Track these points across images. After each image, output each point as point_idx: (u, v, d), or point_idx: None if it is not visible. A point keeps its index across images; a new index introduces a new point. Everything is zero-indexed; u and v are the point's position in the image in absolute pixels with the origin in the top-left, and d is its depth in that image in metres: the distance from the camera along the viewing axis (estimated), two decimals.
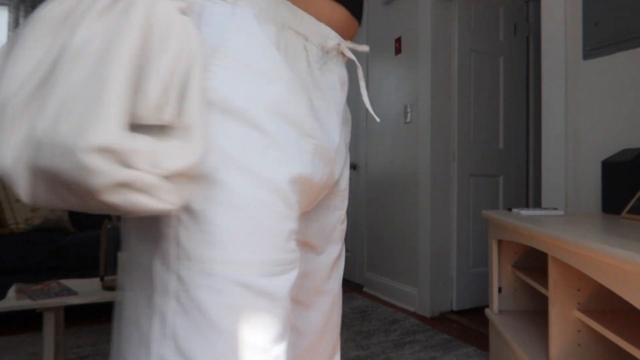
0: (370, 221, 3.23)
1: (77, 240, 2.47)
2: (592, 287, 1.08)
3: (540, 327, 1.42)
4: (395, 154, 2.94)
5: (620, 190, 1.36)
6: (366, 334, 2.26)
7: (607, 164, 1.44)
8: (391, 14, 3.01)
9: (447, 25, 2.66)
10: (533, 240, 1.16)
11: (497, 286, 1.57)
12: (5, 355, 1.95)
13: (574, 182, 1.73)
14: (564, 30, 1.76)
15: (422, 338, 2.20)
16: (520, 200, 2.96)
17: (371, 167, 3.22)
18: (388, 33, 3.04)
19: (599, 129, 1.64)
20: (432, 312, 2.60)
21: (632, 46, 1.52)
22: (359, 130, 3.38)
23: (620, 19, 1.56)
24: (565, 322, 1.08)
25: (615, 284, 0.77)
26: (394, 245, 2.94)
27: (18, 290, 1.45)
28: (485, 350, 2.04)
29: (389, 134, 3.01)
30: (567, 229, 1.00)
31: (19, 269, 2.35)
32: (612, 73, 1.59)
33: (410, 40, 2.80)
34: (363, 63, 3.33)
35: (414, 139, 2.76)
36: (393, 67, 2.98)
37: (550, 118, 1.81)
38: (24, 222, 2.46)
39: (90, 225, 3.01)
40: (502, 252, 1.57)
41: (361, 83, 0.59)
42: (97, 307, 2.75)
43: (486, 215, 1.53)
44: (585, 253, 0.85)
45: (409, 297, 2.75)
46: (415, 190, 2.74)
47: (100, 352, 1.98)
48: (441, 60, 2.64)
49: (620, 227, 1.06)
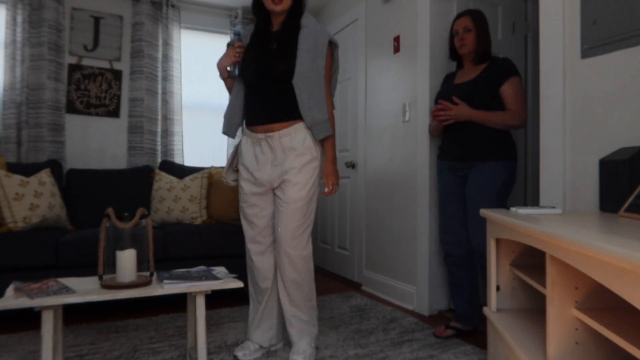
0: (368, 220, 3.23)
1: (75, 238, 2.47)
2: (590, 286, 1.09)
3: (538, 325, 1.42)
4: (394, 152, 2.94)
5: (618, 189, 1.37)
6: (364, 332, 2.26)
7: (605, 163, 1.44)
8: (390, 13, 3.01)
9: (446, 23, 2.66)
10: (531, 239, 1.16)
11: (495, 284, 1.57)
12: (3, 353, 1.94)
13: (572, 180, 1.73)
14: (562, 28, 1.76)
15: (421, 336, 2.21)
16: (519, 199, 2.96)
17: (370, 166, 3.22)
18: (387, 31, 3.04)
19: (597, 128, 1.64)
20: (431, 311, 2.60)
21: (630, 44, 1.52)
22: (358, 130, 3.38)
23: (618, 18, 1.56)
24: (563, 320, 1.08)
25: (613, 282, 0.77)
26: (393, 243, 2.95)
27: (16, 289, 1.45)
28: (483, 349, 2.05)
29: (388, 133, 3.01)
30: (565, 227, 1.01)
31: (17, 268, 2.35)
32: (610, 71, 1.59)
33: (409, 39, 2.80)
34: (362, 62, 3.32)
35: (412, 137, 2.76)
36: (392, 66, 2.98)
37: (548, 116, 1.81)
38: (22, 221, 2.46)
39: (88, 223, 3.01)
40: (500, 250, 1.58)
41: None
42: (96, 305, 2.75)
43: (484, 214, 1.53)
44: (583, 251, 0.85)
45: (408, 295, 2.75)
46: (414, 189, 2.74)
47: (98, 351, 1.98)
48: (440, 59, 2.64)
49: (618, 225, 1.06)
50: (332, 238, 3.78)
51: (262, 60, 1.83)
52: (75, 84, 3.39)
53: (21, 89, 3.15)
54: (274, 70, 1.79)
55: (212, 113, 3.91)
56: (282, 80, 1.81)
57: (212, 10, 3.93)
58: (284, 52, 1.81)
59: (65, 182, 3.11)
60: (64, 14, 3.33)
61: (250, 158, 1.90)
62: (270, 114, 1.84)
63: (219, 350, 2.01)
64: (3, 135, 3.09)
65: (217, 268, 1.82)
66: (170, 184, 3.03)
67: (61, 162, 3.20)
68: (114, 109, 3.51)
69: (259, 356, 1.95)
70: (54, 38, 3.23)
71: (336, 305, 2.74)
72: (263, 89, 1.85)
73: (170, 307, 2.70)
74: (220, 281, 1.60)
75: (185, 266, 2.70)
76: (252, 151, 1.90)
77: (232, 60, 1.88)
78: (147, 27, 3.52)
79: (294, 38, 1.83)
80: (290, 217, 1.81)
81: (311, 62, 1.80)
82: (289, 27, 1.85)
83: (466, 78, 2.22)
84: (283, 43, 1.83)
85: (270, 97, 1.84)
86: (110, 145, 3.51)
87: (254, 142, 1.89)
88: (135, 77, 3.52)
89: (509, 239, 1.52)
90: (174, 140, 3.62)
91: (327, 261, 3.88)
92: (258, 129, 1.87)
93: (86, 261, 2.46)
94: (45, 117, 3.18)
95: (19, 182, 2.52)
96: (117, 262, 1.54)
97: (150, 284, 1.57)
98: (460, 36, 2.20)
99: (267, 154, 1.86)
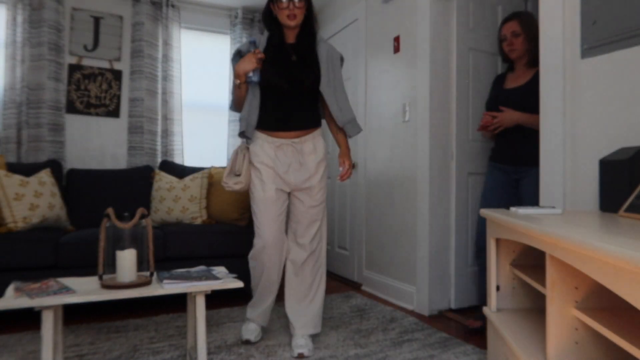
0: (368, 219, 3.23)
1: (75, 238, 2.47)
2: (590, 286, 1.09)
3: (538, 325, 1.42)
4: (394, 152, 2.94)
5: (618, 189, 1.37)
6: (364, 332, 2.26)
7: (604, 163, 1.44)
8: (390, 13, 3.01)
9: (446, 23, 2.66)
10: (531, 239, 1.16)
11: (495, 284, 1.57)
12: (3, 353, 1.94)
13: (572, 180, 1.73)
14: (562, 28, 1.76)
15: (421, 336, 2.21)
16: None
17: (370, 166, 3.22)
18: (387, 31, 3.04)
19: (597, 128, 1.64)
20: (431, 311, 2.60)
21: (630, 44, 1.52)
22: None
23: (618, 18, 1.56)
24: (563, 320, 1.08)
25: (613, 282, 0.77)
26: (393, 243, 2.95)
27: (16, 289, 1.45)
28: (483, 349, 2.05)
29: (388, 133, 3.01)
30: (565, 227, 1.01)
31: (17, 268, 2.35)
32: (610, 71, 1.59)
33: (409, 39, 2.80)
34: (362, 61, 3.32)
35: (412, 137, 2.76)
36: (392, 66, 2.98)
37: (548, 116, 1.81)
38: (22, 221, 2.46)
39: (88, 223, 3.01)
40: (500, 250, 1.58)
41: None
42: (96, 305, 2.75)
43: (484, 214, 1.53)
44: (583, 251, 0.85)
45: (408, 295, 2.75)
46: (414, 189, 2.74)
47: (98, 351, 1.98)
48: (440, 59, 2.64)
49: (618, 225, 1.06)
50: (332, 238, 3.78)
51: (288, 70, 1.98)
52: (75, 84, 3.39)
53: (21, 89, 3.15)
54: (305, 81, 1.98)
55: (212, 113, 3.91)
56: (310, 90, 2.02)
57: (212, 10, 3.93)
58: (309, 64, 2.01)
59: (65, 182, 3.11)
60: (64, 14, 3.33)
61: (272, 160, 2.02)
62: (298, 122, 2.02)
63: (219, 350, 2.01)
64: (3, 135, 3.10)
65: (217, 268, 1.82)
66: (170, 184, 3.03)
67: (61, 162, 3.21)
68: (114, 109, 3.51)
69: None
70: (54, 38, 3.23)
71: (336, 305, 2.74)
72: (291, 98, 2.01)
73: (170, 307, 2.70)
74: (220, 281, 1.60)
75: (185, 266, 2.70)
76: (272, 153, 2.02)
77: (254, 66, 1.94)
78: (147, 27, 3.52)
79: (313, 50, 2.03)
80: (314, 217, 2.06)
81: (332, 72, 2.04)
82: (306, 40, 2.04)
83: (517, 82, 2.20)
84: (304, 55, 2.02)
85: (298, 106, 2.02)
86: (110, 145, 3.51)
87: (276, 146, 2.02)
88: (135, 77, 3.52)
89: (509, 239, 1.52)
90: (174, 140, 3.62)
91: (327, 261, 3.87)
92: (281, 135, 2.02)
93: (86, 261, 2.46)
94: (45, 117, 3.18)
95: (19, 182, 2.52)
96: (117, 262, 1.54)
97: (150, 284, 1.57)
98: (509, 41, 2.17)
99: (289, 157, 2.02)
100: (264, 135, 2.03)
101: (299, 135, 2.02)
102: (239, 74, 1.96)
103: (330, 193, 3.81)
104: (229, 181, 2.06)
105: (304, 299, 2.07)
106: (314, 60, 2.02)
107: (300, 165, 2.02)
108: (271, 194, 2.00)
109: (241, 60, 1.95)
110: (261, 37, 2.05)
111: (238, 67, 1.95)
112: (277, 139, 2.01)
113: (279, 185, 2.02)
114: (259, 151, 2.02)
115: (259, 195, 2.01)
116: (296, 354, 1.92)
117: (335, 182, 3.73)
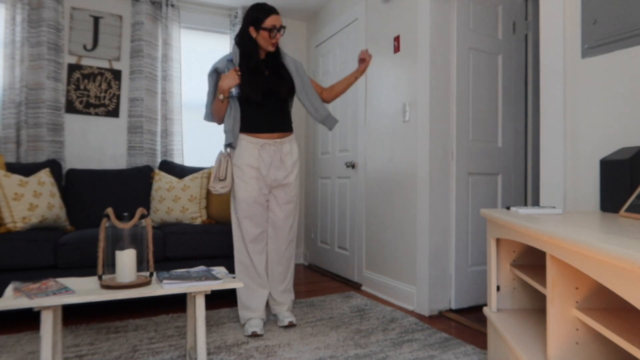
0: (368, 220, 3.23)
1: (75, 238, 2.47)
2: (591, 286, 1.08)
3: (539, 325, 1.42)
4: (394, 152, 2.94)
5: (619, 189, 1.36)
6: (365, 332, 2.26)
7: (605, 163, 1.44)
8: (390, 12, 3.00)
9: (446, 23, 2.65)
10: (531, 239, 1.16)
11: (495, 285, 1.57)
12: (2, 354, 1.94)
13: (573, 180, 1.73)
14: (563, 28, 1.76)
15: (421, 337, 2.20)
16: (519, 199, 2.96)
17: (370, 166, 3.22)
18: (387, 31, 3.04)
19: (598, 127, 1.64)
20: (431, 311, 2.60)
21: (630, 44, 1.52)
22: (358, 129, 3.37)
23: (618, 17, 1.55)
24: (564, 321, 1.08)
25: (614, 283, 0.77)
26: (393, 243, 2.94)
27: (15, 289, 1.44)
28: (483, 349, 2.04)
29: (388, 133, 3.01)
30: (565, 227, 1.00)
31: (16, 268, 2.34)
32: (611, 71, 1.59)
33: (409, 39, 2.80)
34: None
35: (412, 137, 2.75)
36: (392, 66, 2.97)
37: (548, 116, 1.81)
38: (21, 221, 2.46)
39: (88, 223, 3.01)
40: (501, 250, 1.57)
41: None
42: (95, 306, 2.75)
43: (484, 214, 1.53)
44: (584, 251, 0.85)
45: (408, 295, 2.75)
46: (414, 189, 2.74)
47: (98, 351, 1.98)
48: (440, 59, 2.64)
49: (619, 225, 1.06)
50: (332, 238, 3.77)
51: (265, 83, 2.24)
52: (74, 84, 3.38)
53: (20, 89, 3.15)
54: (282, 92, 2.27)
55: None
56: (286, 99, 2.31)
57: (212, 10, 3.92)
58: (282, 75, 2.30)
59: (64, 182, 3.11)
60: (64, 13, 3.32)
61: (256, 160, 2.24)
62: (279, 126, 2.29)
63: (219, 350, 2.00)
64: (2, 135, 3.09)
65: (216, 268, 1.82)
66: (170, 184, 3.03)
67: (60, 162, 3.20)
68: (113, 109, 3.51)
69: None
70: (53, 38, 3.22)
71: (336, 306, 2.74)
72: (269, 106, 2.27)
73: (170, 307, 2.70)
74: (220, 281, 1.60)
75: (185, 266, 2.70)
76: (256, 153, 2.24)
77: (237, 82, 2.16)
78: (146, 27, 3.51)
79: (281, 63, 2.34)
80: (291, 212, 2.38)
81: (301, 79, 2.36)
82: (275, 56, 2.32)
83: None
84: (276, 69, 2.30)
85: (276, 112, 2.29)
86: (109, 145, 3.51)
87: (260, 145, 2.25)
88: (134, 77, 3.51)
89: (509, 239, 1.52)
90: (174, 140, 3.61)
91: (327, 261, 3.87)
92: (265, 136, 2.26)
93: (85, 261, 2.46)
94: (45, 117, 3.17)
95: (18, 182, 2.52)
96: (116, 262, 1.54)
97: (150, 284, 1.57)
98: None
99: (271, 156, 2.26)
100: (248, 137, 2.25)
101: (280, 136, 2.30)
102: (223, 89, 2.14)
103: (330, 193, 3.81)
104: (216, 185, 2.24)
105: (283, 281, 2.39)
106: (286, 72, 2.32)
107: (281, 163, 2.29)
108: (254, 194, 2.23)
109: (224, 77, 2.15)
110: (235, 55, 2.26)
111: (222, 84, 2.14)
112: (260, 139, 2.25)
113: (261, 186, 2.25)
114: (243, 153, 2.24)
115: (242, 194, 2.23)
116: (286, 323, 2.27)
117: (335, 182, 3.73)
